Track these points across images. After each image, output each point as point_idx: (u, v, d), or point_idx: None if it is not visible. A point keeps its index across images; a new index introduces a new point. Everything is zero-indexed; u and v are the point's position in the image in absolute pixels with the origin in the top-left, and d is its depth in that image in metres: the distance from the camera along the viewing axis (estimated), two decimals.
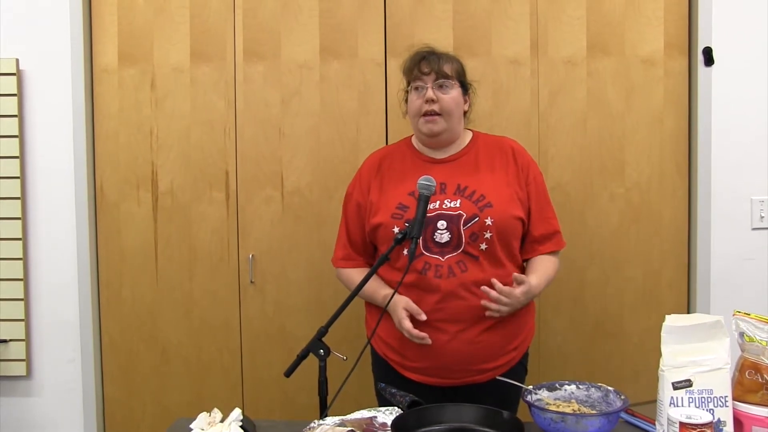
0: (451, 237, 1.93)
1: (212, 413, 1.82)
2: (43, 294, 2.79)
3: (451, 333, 1.94)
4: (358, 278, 1.94)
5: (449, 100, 2.00)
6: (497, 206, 1.96)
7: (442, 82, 1.99)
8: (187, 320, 2.77)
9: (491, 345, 1.97)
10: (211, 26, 2.70)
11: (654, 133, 2.69)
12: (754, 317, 1.67)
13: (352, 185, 2.15)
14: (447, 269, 1.93)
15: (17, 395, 2.82)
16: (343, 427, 1.66)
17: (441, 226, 1.94)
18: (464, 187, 1.99)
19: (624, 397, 1.71)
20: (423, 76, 1.99)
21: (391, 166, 2.09)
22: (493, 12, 2.66)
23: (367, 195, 2.08)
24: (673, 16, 2.67)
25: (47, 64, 2.72)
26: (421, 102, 1.99)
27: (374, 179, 2.08)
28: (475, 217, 1.94)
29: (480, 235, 1.94)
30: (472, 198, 1.96)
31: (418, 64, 2.01)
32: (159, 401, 2.80)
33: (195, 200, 2.74)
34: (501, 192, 1.99)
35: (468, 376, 1.98)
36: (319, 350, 1.79)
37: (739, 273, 2.72)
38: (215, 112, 2.72)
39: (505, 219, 1.96)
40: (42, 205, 2.76)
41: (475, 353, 1.96)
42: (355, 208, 2.11)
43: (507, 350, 2.02)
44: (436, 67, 1.99)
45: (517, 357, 2.06)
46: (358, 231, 2.11)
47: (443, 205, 1.96)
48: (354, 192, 2.13)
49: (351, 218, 2.13)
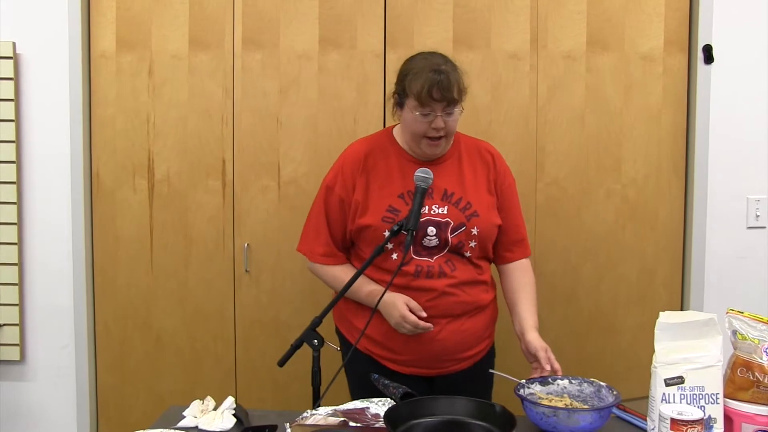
0: (438, 242, 1.96)
1: (205, 401, 1.83)
2: (38, 279, 2.78)
3: (441, 324, 1.97)
4: (343, 275, 1.97)
5: (454, 122, 1.95)
6: (483, 215, 1.99)
7: (450, 109, 1.91)
8: (181, 308, 2.77)
9: (475, 331, 2.03)
10: (210, 14, 2.69)
11: (651, 130, 2.69)
12: (747, 315, 1.68)
13: (332, 179, 2.05)
14: (438, 268, 1.96)
15: (11, 380, 2.82)
16: (336, 417, 1.67)
17: (431, 232, 1.95)
18: (451, 193, 1.99)
19: (616, 393, 1.71)
20: (433, 103, 1.89)
21: (376, 165, 2.02)
22: (494, 5, 2.65)
23: (352, 192, 2.01)
24: (674, 12, 2.67)
25: (45, 49, 2.70)
26: (427, 127, 1.92)
27: (359, 176, 2.01)
28: (462, 226, 1.96)
29: (465, 243, 1.97)
30: (458, 206, 1.97)
31: (431, 91, 1.87)
32: (152, 388, 2.80)
33: (191, 188, 2.73)
34: (484, 199, 2.01)
35: (452, 365, 2.02)
36: (313, 340, 1.80)
37: (734, 271, 2.73)
38: (213, 100, 2.71)
39: (488, 228, 2.01)
40: (38, 190, 2.75)
41: (461, 341, 2.00)
42: (338, 203, 2.03)
43: (484, 336, 2.08)
44: (448, 95, 1.88)
45: (489, 344, 2.12)
46: (340, 227, 2.04)
47: (431, 211, 1.96)
48: (336, 186, 2.03)
49: (333, 213, 2.04)
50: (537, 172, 2.69)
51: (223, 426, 1.73)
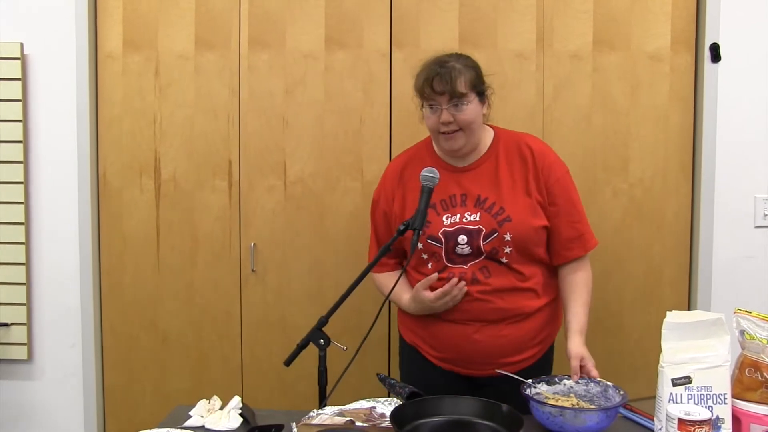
0: (471, 250, 1.93)
1: (211, 401, 1.83)
2: (45, 279, 2.79)
3: (475, 327, 1.95)
4: (389, 282, 2.02)
5: (467, 116, 1.92)
6: (516, 220, 1.93)
7: (456, 101, 1.89)
8: (187, 308, 2.78)
9: (516, 338, 1.97)
10: (217, 14, 2.69)
11: (658, 130, 2.68)
12: (755, 315, 1.68)
13: (377, 192, 2.14)
14: (471, 275, 1.93)
15: (18, 379, 2.83)
16: (342, 417, 1.67)
17: (461, 240, 1.93)
18: (484, 199, 1.96)
19: (623, 393, 1.71)
20: (436, 96, 1.89)
21: (412, 176, 2.02)
22: (499, 5, 2.65)
23: (392, 204, 2.06)
24: (681, 11, 2.65)
25: (52, 50, 2.72)
26: (436, 120, 1.92)
27: (397, 188, 2.06)
28: (495, 232, 1.92)
29: (500, 250, 1.93)
30: (491, 211, 1.94)
31: (431, 83, 1.88)
32: (159, 388, 2.81)
33: (198, 188, 2.74)
34: (520, 203, 1.95)
35: (491, 369, 1.96)
36: (319, 340, 1.80)
37: (741, 271, 2.71)
38: (219, 100, 2.71)
39: (524, 232, 1.93)
40: (45, 190, 2.76)
41: (500, 347, 1.96)
42: (382, 216, 2.10)
43: (531, 344, 2.01)
44: (449, 88, 1.87)
45: (542, 350, 2.05)
46: (386, 238, 2.08)
47: (464, 219, 1.94)
48: (380, 200, 2.11)
49: (379, 226, 2.13)
50: None
51: (230, 425, 1.74)
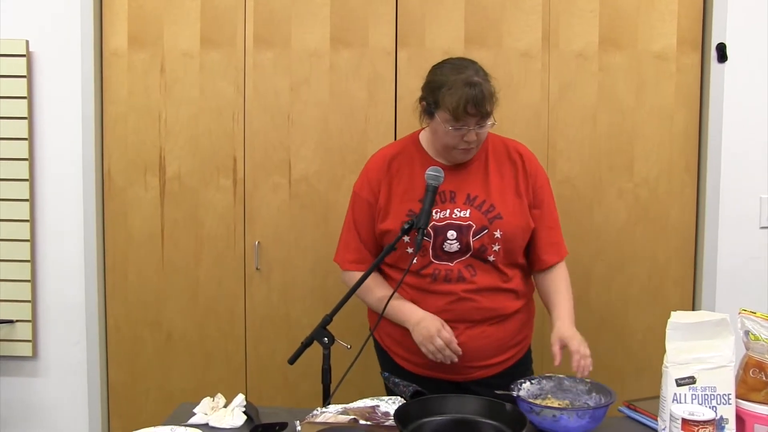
0: (460, 246, 1.92)
1: (215, 398, 1.83)
2: (50, 276, 2.80)
3: (459, 329, 1.93)
4: (373, 281, 1.97)
5: (486, 131, 1.92)
6: (506, 218, 1.94)
7: (483, 122, 1.88)
8: (192, 306, 2.78)
9: (498, 339, 1.98)
10: (222, 12, 2.69)
11: (664, 130, 2.68)
12: (760, 316, 1.67)
13: (359, 185, 2.06)
14: (456, 273, 1.93)
15: (23, 375, 2.84)
16: (346, 415, 1.67)
17: (451, 236, 1.92)
18: (474, 197, 1.95)
19: (612, 394, 1.70)
20: (468, 118, 1.85)
21: (400, 169, 2.02)
22: (505, 4, 2.64)
23: (377, 195, 2.01)
24: (687, 11, 2.65)
25: (57, 47, 2.72)
26: (459, 140, 1.89)
27: (383, 179, 2.01)
28: (485, 228, 1.92)
29: (488, 247, 1.93)
30: (481, 208, 1.94)
31: (465, 107, 1.83)
32: (163, 386, 2.82)
33: (202, 186, 2.74)
34: (510, 202, 1.96)
35: (477, 372, 1.98)
36: (324, 338, 1.79)
37: (746, 272, 2.71)
38: (224, 98, 2.71)
39: (513, 231, 1.95)
40: (50, 187, 2.77)
41: (483, 348, 1.96)
42: (366, 208, 2.03)
43: (511, 344, 2.03)
44: (482, 110, 1.84)
45: (522, 351, 2.08)
46: (369, 232, 2.03)
47: (453, 215, 1.93)
48: (363, 192, 2.04)
49: (361, 219, 2.04)
50: (548, 170, 2.66)
51: (234, 423, 1.74)
